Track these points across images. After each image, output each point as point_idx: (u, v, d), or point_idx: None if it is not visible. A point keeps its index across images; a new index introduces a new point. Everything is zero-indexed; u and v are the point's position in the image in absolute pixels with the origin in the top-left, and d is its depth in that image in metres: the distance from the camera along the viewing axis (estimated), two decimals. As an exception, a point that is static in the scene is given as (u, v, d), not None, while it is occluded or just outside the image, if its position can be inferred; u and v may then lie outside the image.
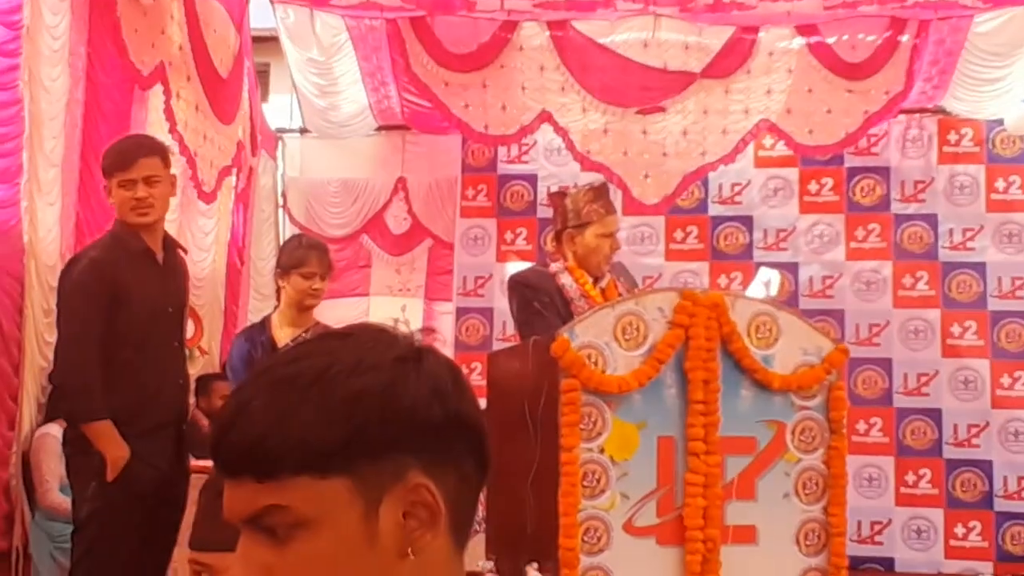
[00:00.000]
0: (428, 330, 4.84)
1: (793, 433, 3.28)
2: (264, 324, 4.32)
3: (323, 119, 8.32)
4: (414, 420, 0.89)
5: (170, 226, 5.83)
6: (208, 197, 6.62)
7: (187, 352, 3.79)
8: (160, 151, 3.71)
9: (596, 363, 3.15)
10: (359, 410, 0.88)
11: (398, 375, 0.90)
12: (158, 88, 5.82)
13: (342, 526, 0.87)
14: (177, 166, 6.09)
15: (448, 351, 8.31)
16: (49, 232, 4.81)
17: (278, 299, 4.40)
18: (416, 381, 0.91)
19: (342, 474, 0.87)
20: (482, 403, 4.56)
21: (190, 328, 3.77)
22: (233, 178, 7.27)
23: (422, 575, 0.90)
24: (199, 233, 6.81)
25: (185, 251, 3.95)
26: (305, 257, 4.19)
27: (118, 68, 5.41)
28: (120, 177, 3.51)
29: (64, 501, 4.03)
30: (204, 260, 6.84)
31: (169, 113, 5.93)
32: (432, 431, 0.91)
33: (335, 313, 7.85)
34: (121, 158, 3.57)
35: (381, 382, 0.89)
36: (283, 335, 4.09)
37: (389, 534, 0.88)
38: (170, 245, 3.75)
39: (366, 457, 0.88)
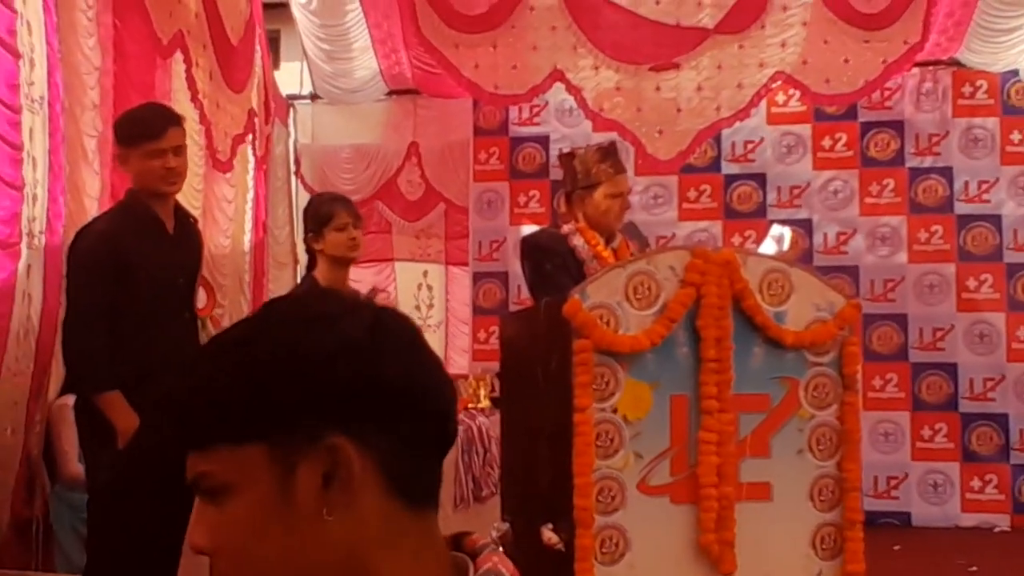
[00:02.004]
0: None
1: (806, 389, 3.25)
2: (314, 286, 4.08)
3: (334, 85, 8.30)
4: (320, 380, 0.89)
5: (195, 196, 5.89)
6: (223, 166, 6.61)
7: (200, 323, 3.77)
8: (181, 121, 3.69)
9: (608, 323, 3.12)
10: (260, 375, 0.89)
11: (301, 336, 0.91)
12: (178, 56, 5.82)
13: (258, 491, 0.89)
14: (198, 135, 6.14)
15: (466, 315, 8.36)
16: (94, 203, 4.83)
17: (311, 267, 4.26)
18: (322, 341, 0.90)
19: (257, 440, 0.89)
20: (495, 366, 4.59)
21: (202, 298, 3.74)
22: (249, 147, 7.26)
23: (357, 534, 0.90)
24: (223, 202, 6.82)
25: (195, 220, 3.92)
26: (332, 210, 4.12)
27: (142, 37, 5.41)
28: (150, 146, 3.47)
29: (83, 471, 4.07)
30: (228, 230, 6.85)
31: (191, 82, 5.93)
32: (346, 392, 0.90)
33: (362, 280, 7.90)
34: (150, 127, 3.53)
35: (281, 345, 0.90)
36: None
37: (305, 496, 0.89)
38: (181, 215, 3.74)
39: (277, 421, 0.89)
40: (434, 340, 8.48)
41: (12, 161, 4.14)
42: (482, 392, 5.89)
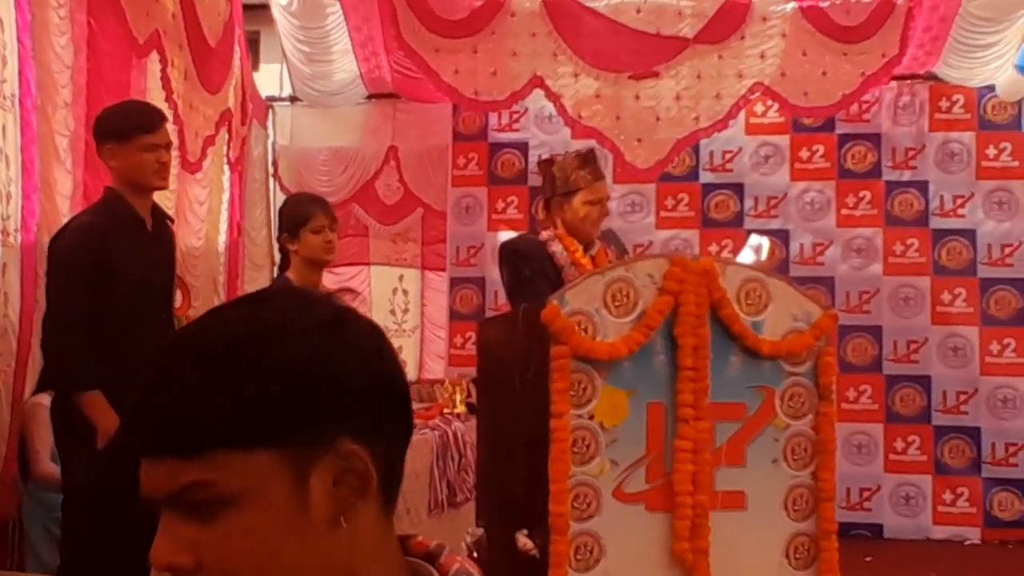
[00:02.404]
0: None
1: (782, 399, 3.26)
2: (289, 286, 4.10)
3: (313, 87, 8.27)
4: (341, 388, 0.87)
5: (168, 196, 5.85)
6: (193, 167, 6.54)
7: (175, 322, 3.76)
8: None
9: (586, 330, 3.12)
10: (283, 380, 0.84)
11: (323, 342, 0.87)
12: (154, 56, 5.78)
13: (270, 499, 0.84)
14: (172, 135, 6.09)
15: (443, 320, 8.35)
16: (66, 201, 4.79)
17: (284, 267, 4.21)
18: (341, 348, 0.88)
19: (268, 446, 0.84)
20: (472, 371, 4.58)
21: (177, 298, 3.73)
22: (225, 147, 7.23)
23: (355, 541, 0.88)
24: (195, 203, 6.77)
25: (172, 220, 3.90)
26: (309, 212, 4.06)
27: (117, 36, 5.36)
28: (146, 140, 3.49)
29: (56, 471, 4.02)
30: (200, 230, 6.81)
31: (166, 81, 5.89)
32: (359, 398, 0.88)
33: (336, 282, 7.88)
34: (147, 121, 3.55)
35: (306, 350, 0.86)
36: None
37: (320, 504, 0.86)
38: (159, 215, 3.72)
39: (293, 428, 0.85)
40: (409, 345, 8.48)
41: (-17, 159, 4.12)
42: (458, 397, 5.88)
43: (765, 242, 4.17)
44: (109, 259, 3.39)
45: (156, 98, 5.76)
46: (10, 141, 4.36)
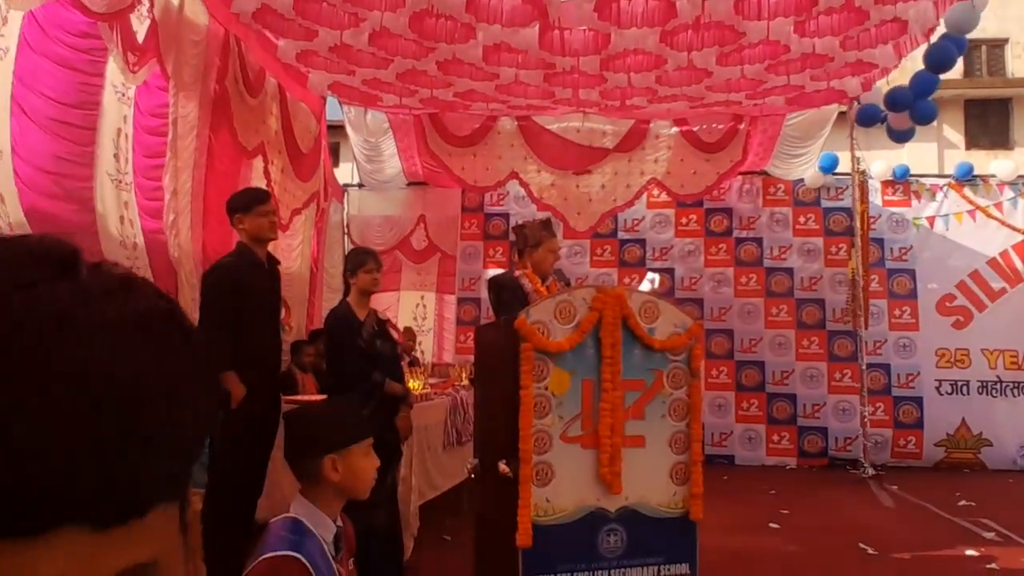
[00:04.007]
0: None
1: (667, 377, 3.25)
2: (348, 306, 3.98)
3: (372, 178, 8.31)
4: None
5: (271, 246, 5.81)
6: (284, 228, 6.51)
7: (281, 327, 3.73)
8: None
9: (543, 333, 3.12)
10: None
11: None
12: (259, 157, 5.78)
13: None
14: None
15: (453, 325, 8.33)
16: (189, 246, 4.77)
17: (346, 292, 4.14)
18: None
19: None
20: (471, 358, 4.52)
21: (283, 312, 3.70)
22: (313, 212, 7.21)
23: None
24: (287, 250, 6.76)
25: (279, 262, 3.89)
26: (366, 260, 4.03)
27: (230, 145, 5.33)
28: (262, 208, 3.49)
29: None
30: (291, 267, 6.80)
31: (267, 176, 5.89)
32: None
33: (378, 303, 7.84)
34: (263, 196, 3.56)
35: None
36: (360, 314, 3.94)
37: None
38: (271, 259, 3.71)
39: None
40: (427, 340, 8.45)
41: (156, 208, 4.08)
42: (463, 375, 5.85)
43: (657, 277, 4.18)
44: (241, 288, 3.36)
45: (259, 184, 5.72)
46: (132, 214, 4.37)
